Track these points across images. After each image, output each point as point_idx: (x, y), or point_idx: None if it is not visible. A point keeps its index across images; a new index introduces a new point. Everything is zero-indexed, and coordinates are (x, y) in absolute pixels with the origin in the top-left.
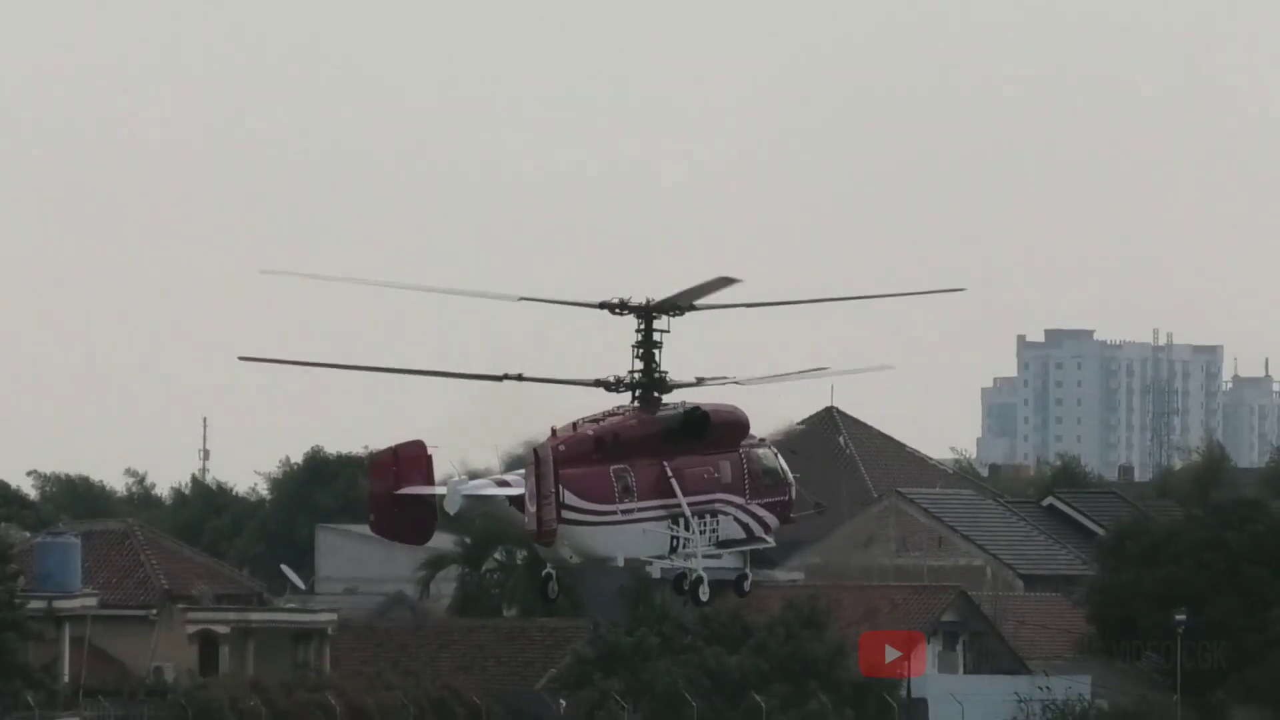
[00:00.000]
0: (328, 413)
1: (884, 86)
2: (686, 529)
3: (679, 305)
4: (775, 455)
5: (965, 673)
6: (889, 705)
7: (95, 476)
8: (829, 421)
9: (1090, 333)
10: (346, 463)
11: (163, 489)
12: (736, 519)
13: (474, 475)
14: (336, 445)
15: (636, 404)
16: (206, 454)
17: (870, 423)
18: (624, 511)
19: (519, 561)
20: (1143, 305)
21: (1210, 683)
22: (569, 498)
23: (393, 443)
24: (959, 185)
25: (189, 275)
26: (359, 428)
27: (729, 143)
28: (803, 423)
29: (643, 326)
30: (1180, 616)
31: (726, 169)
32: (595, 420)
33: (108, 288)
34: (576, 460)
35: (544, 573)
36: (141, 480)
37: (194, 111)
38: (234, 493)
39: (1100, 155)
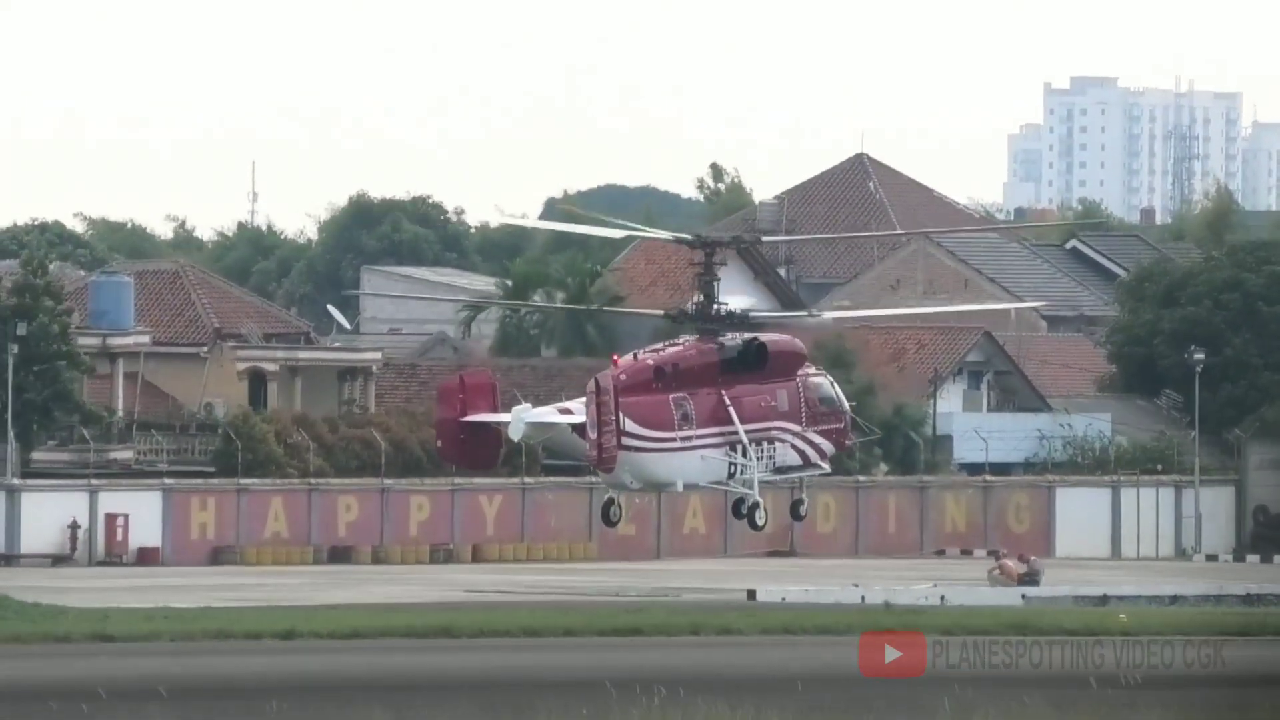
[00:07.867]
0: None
1: None
2: (744, 456)
3: (744, 240)
4: (831, 384)
5: (989, 410)
6: (915, 442)
7: (140, 220)
8: (859, 167)
9: (1114, 80)
10: (390, 207)
11: (207, 233)
12: (793, 445)
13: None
14: (381, 190)
15: (697, 336)
16: (255, 196)
17: (899, 168)
18: (683, 439)
19: (558, 304)
20: (1165, 53)
21: (1227, 420)
22: (630, 425)
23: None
24: None
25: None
26: (403, 172)
27: None
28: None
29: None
30: (1198, 355)
31: None
32: (656, 350)
33: (159, 30)
34: (637, 389)
35: (606, 498)
36: (183, 224)
37: None
38: (282, 235)
39: None
